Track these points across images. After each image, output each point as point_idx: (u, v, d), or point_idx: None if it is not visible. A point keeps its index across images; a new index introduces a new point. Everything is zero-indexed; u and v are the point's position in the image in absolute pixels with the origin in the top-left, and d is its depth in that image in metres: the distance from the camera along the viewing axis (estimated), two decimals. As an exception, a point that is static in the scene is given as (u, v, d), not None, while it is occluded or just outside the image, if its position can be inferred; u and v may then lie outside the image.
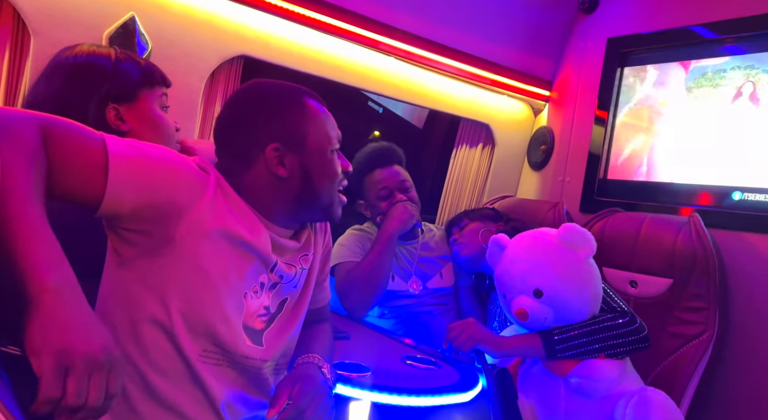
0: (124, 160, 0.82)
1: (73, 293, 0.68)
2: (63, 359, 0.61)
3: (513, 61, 2.48)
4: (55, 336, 0.62)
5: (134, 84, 1.18)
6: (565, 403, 1.39)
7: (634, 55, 2.29)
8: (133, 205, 0.83)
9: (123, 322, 0.89)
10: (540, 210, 2.13)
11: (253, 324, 0.99)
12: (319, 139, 1.02)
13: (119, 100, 1.15)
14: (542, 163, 2.60)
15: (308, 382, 0.96)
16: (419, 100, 2.42)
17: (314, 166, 1.01)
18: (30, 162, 0.72)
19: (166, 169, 0.87)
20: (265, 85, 1.05)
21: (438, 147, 3.16)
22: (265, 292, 1.00)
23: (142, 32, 1.75)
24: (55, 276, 0.67)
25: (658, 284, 1.73)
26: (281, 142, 0.98)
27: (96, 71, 1.15)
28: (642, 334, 1.38)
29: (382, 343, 1.58)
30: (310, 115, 1.02)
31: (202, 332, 0.91)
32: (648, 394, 1.31)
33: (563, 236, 1.41)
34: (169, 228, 0.87)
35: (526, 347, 1.40)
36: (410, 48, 2.19)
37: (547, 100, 2.64)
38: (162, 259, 0.88)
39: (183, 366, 0.91)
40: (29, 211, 0.68)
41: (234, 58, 1.97)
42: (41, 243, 0.68)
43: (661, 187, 2.12)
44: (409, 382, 1.24)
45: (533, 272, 1.39)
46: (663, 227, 1.77)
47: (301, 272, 1.07)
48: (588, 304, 1.40)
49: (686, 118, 2.07)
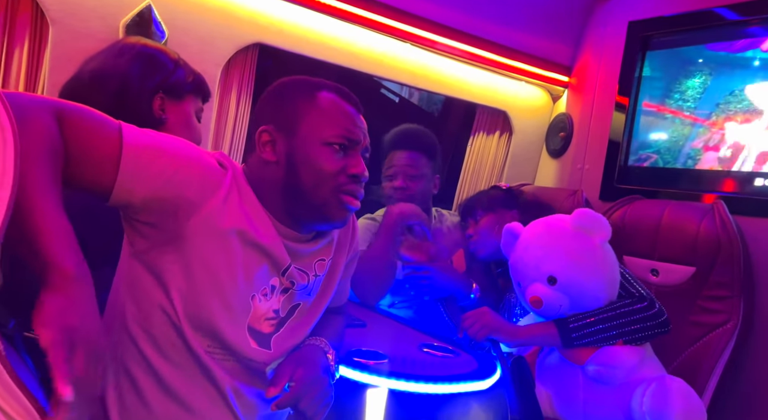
0: (137, 150, 0.81)
1: (85, 282, 0.70)
2: (70, 335, 0.64)
3: (531, 47, 2.44)
4: (66, 315, 0.65)
5: (185, 86, 1.28)
6: (584, 392, 1.38)
7: (656, 38, 2.23)
8: (143, 196, 0.82)
9: (134, 311, 0.89)
10: (559, 198, 2.10)
11: (261, 327, 0.97)
12: (316, 128, 0.95)
13: (168, 94, 1.24)
14: (561, 151, 2.56)
15: (310, 367, 0.94)
16: (435, 87, 2.39)
17: (299, 154, 0.94)
18: (47, 148, 0.72)
19: (181, 164, 0.85)
20: (298, 77, 1.03)
21: (454, 135, 3.14)
22: (276, 295, 0.98)
23: (159, 20, 1.75)
24: (75, 264, 0.69)
25: (681, 272, 1.70)
26: (274, 124, 0.96)
27: (159, 62, 1.24)
28: (661, 319, 1.36)
29: (399, 330, 1.58)
30: (315, 104, 0.96)
31: (205, 329, 0.90)
32: (666, 382, 1.29)
33: (577, 221, 1.39)
34: (178, 223, 0.86)
35: (542, 336, 1.38)
36: (426, 34, 2.17)
37: (566, 86, 2.59)
38: (170, 254, 0.87)
39: (191, 357, 0.90)
40: (46, 199, 0.69)
41: (249, 46, 1.96)
42: (59, 231, 0.69)
43: (684, 174, 2.07)
44: (426, 369, 1.24)
45: (547, 259, 1.37)
46: (686, 214, 1.73)
47: (315, 279, 1.04)
48: (604, 290, 1.38)
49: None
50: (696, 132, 2.05)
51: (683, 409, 1.26)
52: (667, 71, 2.18)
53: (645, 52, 2.26)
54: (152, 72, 1.23)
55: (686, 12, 2.10)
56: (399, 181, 1.90)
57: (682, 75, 2.11)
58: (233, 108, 2.01)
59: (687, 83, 2.10)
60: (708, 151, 2.01)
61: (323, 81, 1.02)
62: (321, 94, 0.98)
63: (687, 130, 2.08)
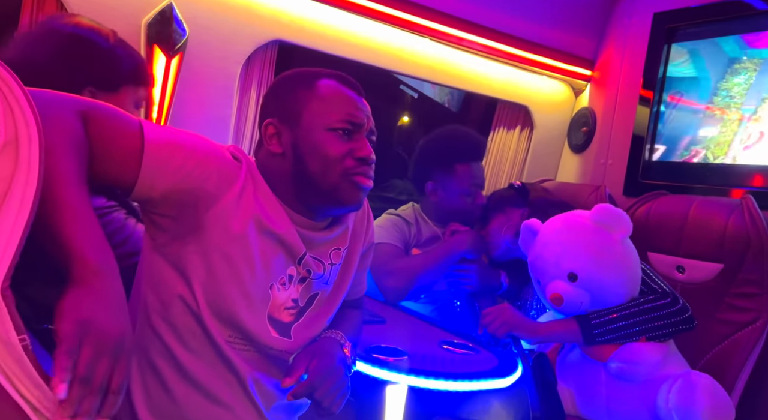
0: (158, 146, 0.82)
1: (112, 276, 0.70)
2: (82, 327, 0.62)
3: (553, 40, 2.40)
4: (83, 307, 0.64)
5: (121, 76, 1.13)
6: (607, 389, 1.36)
7: (681, 30, 2.18)
8: (163, 190, 0.84)
9: (155, 303, 0.91)
10: (581, 193, 2.07)
11: (281, 316, 0.98)
12: (318, 116, 0.96)
13: (100, 87, 1.09)
14: (583, 146, 2.52)
15: (326, 358, 0.95)
16: (455, 82, 2.38)
17: (305, 143, 0.95)
18: (72, 144, 0.73)
19: (199, 158, 0.87)
20: (298, 69, 1.04)
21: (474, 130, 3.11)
22: (294, 285, 0.99)
23: (180, 19, 1.77)
24: (98, 257, 0.69)
25: (708, 269, 1.66)
26: (278, 116, 0.98)
27: (91, 49, 1.08)
28: (686, 315, 1.33)
29: (419, 327, 1.57)
30: (315, 92, 0.97)
31: (226, 319, 0.92)
32: (693, 378, 1.27)
33: (597, 217, 1.36)
34: (197, 215, 0.88)
35: (563, 332, 1.37)
36: (446, 29, 2.15)
37: (589, 79, 2.55)
38: (190, 246, 0.89)
39: (212, 347, 0.92)
40: (73, 194, 0.70)
41: (269, 43, 1.97)
42: (85, 225, 0.70)
43: (711, 169, 2.02)
44: (446, 366, 1.23)
45: (567, 255, 1.35)
46: (713, 210, 1.69)
47: (331, 268, 1.05)
48: (626, 286, 1.36)
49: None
50: (744, 127, 1.99)
51: (711, 404, 1.24)
52: (714, 71, 2.11)
53: (670, 44, 2.21)
54: (80, 63, 1.07)
55: (714, 2, 2.05)
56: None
57: (728, 73, 2.04)
58: (253, 104, 2.02)
59: (733, 80, 2.04)
60: (747, 149, 1.95)
61: (322, 70, 1.03)
62: (320, 81, 0.99)
63: (735, 126, 2.02)
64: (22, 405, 0.59)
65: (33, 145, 0.61)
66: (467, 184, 1.86)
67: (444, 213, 1.92)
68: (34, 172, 0.61)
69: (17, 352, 0.58)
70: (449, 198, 1.89)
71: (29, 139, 0.60)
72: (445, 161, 1.87)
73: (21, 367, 0.58)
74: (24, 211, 0.59)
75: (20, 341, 0.59)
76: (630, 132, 2.29)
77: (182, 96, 1.84)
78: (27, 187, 0.60)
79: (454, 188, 1.87)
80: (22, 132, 0.60)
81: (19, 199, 0.59)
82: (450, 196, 1.89)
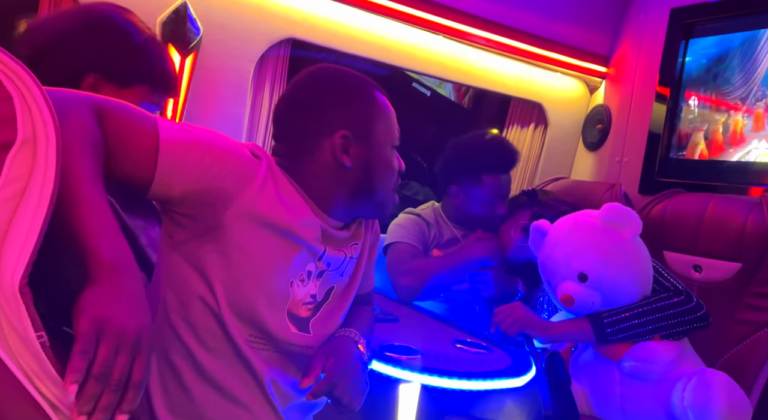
0: (173, 144, 0.82)
1: (128, 272, 0.69)
2: (98, 325, 0.62)
3: (567, 36, 2.38)
4: (99, 304, 0.64)
5: (137, 74, 1.05)
6: (620, 388, 1.34)
7: (699, 26, 2.14)
8: (181, 189, 0.84)
9: (174, 303, 0.91)
10: (596, 192, 2.05)
11: (299, 312, 0.99)
12: (385, 133, 1.02)
13: (108, 76, 1.02)
14: (598, 143, 2.50)
15: (342, 356, 0.95)
16: (468, 80, 2.36)
17: (376, 159, 1.00)
18: (89, 143, 0.73)
19: (216, 155, 0.86)
20: (336, 71, 1.04)
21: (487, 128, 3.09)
22: (312, 280, 1.00)
23: (194, 17, 1.78)
24: (114, 254, 0.69)
25: (725, 268, 1.63)
26: (350, 130, 0.97)
27: (116, 35, 1.02)
28: (700, 313, 1.32)
29: (432, 326, 1.57)
30: (379, 108, 1.02)
31: (247, 318, 0.92)
32: (708, 375, 1.25)
33: (606, 216, 1.35)
34: (217, 213, 0.87)
35: (575, 332, 1.36)
36: (459, 25, 2.14)
37: (604, 76, 2.52)
38: (210, 244, 0.88)
39: (230, 347, 0.92)
40: (90, 191, 0.70)
41: (282, 41, 1.98)
42: (101, 222, 0.70)
43: (729, 166, 1.99)
44: (459, 365, 1.23)
45: (576, 256, 1.34)
46: (731, 208, 1.67)
47: (350, 260, 1.06)
48: (637, 285, 1.35)
49: None
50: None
51: (727, 402, 1.22)
52: (747, 77, 2.05)
53: (688, 40, 2.17)
54: (97, 43, 0.99)
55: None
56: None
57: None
58: (266, 103, 2.03)
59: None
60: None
61: (363, 76, 1.05)
62: (376, 94, 1.03)
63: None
64: (41, 402, 0.59)
65: (50, 144, 0.61)
66: (491, 195, 1.86)
67: (464, 217, 1.91)
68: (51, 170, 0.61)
69: (35, 349, 0.59)
70: (471, 205, 1.89)
71: (47, 137, 0.61)
72: (473, 169, 1.87)
73: (39, 364, 0.59)
74: (41, 209, 0.60)
75: (38, 338, 0.59)
76: (646, 129, 2.26)
77: (196, 94, 1.85)
78: (44, 185, 0.61)
79: (478, 196, 1.87)
80: (40, 130, 0.61)
81: (37, 196, 0.60)
82: (472, 202, 1.88)
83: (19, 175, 0.59)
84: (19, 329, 0.58)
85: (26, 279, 0.59)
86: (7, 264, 0.58)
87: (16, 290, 0.58)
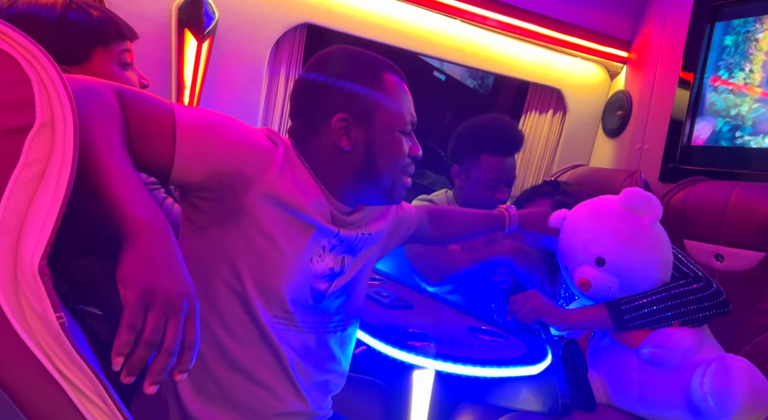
0: (190, 130, 0.82)
1: (165, 233, 0.69)
2: (146, 294, 0.63)
3: (587, 20, 2.33)
4: (143, 270, 0.64)
5: (84, 42, 1.01)
6: (639, 375, 1.33)
7: (726, 8, 2.08)
8: (201, 174, 0.84)
9: (199, 289, 0.91)
10: (615, 179, 2.02)
11: (319, 285, 1.01)
12: (390, 116, 0.98)
13: (67, 61, 0.99)
14: (618, 130, 2.45)
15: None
16: (485, 65, 2.33)
17: (379, 143, 0.98)
18: (115, 118, 0.74)
19: (233, 140, 0.87)
20: (349, 52, 1.02)
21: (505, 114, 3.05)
22: (327, 253, 1.02)
23: (209, 2, 1.77)
24: (149, 213, 0.69)
25: (749, 258, 1.60)
26: (350, 112, 0.96)
27: (37, 26, 0.95)
28: (720, 299, 1.29)
29: (447, 313, 1.56)
30: (386, 90, 0.98)
31: (273, 297, 0.93)
32: (728, 361, 1.23)
33: (625, 201, 1.33)
34: (238, 197, 0.88)
35: (593, 319, 1.34)
36: (476, 9, 2.11)
37: (625, 61, 2.47)
38: (232, 228, 0.90)
39: (256, 331, 0.94)
40: (118, 158, 0.71)
41: (297, 26, 1.96)
42: (133, 186, 0.70)
43: (753, 153, 1.94)
44: (474, 352, 1.22)
45: (594, 240, 1.32)
46: (756, 196, 1.63)
47: (362, 236, 1.07)
48: (656, 271, 1.32)
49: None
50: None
51: (748, 387, 1.20)
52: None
53: (714, 23, 2.11)
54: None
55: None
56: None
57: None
58: (282, 87, 2.03)
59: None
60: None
61: (377, 58, 1.02)
62: (386, 77, 0.99)
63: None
64: (61, 382, 0.60)
65: (68, 127, 0.61)
66: (490, 177, 1.81)
67: (464, 200, 1.89)
68: (69, 153, 0.61)
69: (55, 330, 0.59)
70: (469, 186, 1.86)
71: (64, 120, 0.61)
72: (472, 148, 1.83)
73: (59, 344, 0.60)
74: (60, 191, 0.60)
75: (57, 319, 0.60)
76: (668, 116, 2.22)
77: (212, 79, 1.85)
78: (63, 167, 0.61)
79: (476, 177, 1.83)
80: (58, 113, 0.61)
81: (56, 179, 0.60)
82: (471, 184, 1.85)
83: (37, 157, 0.60)
84: (39, 310, 0.58)
85: (45, 260, 0.59)
86: (27, 245, 0.58)
87: (36, 272, 0.58)
